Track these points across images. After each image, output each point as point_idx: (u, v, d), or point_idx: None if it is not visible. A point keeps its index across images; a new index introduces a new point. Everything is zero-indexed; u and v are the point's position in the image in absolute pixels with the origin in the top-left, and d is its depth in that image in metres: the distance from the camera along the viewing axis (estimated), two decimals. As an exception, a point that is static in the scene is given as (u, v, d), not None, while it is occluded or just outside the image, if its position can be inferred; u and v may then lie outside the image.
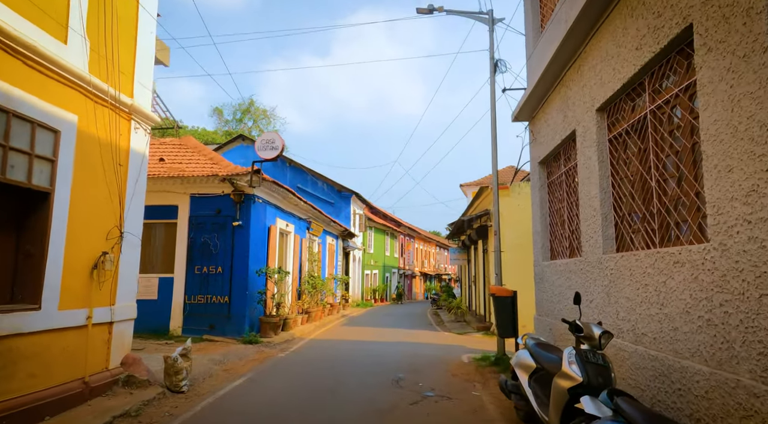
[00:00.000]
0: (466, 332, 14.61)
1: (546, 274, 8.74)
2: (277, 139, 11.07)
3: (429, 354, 10.26)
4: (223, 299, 11.22)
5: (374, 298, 32.95)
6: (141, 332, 11.08)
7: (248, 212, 11.45)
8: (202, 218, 11.49)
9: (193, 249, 11.42)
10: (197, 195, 11.58)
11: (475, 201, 16.94)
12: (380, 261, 35.71)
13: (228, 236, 11.40)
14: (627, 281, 5.34)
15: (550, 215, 9.07)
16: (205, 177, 11.26)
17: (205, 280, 11.32)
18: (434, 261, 56.98)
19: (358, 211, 29.39)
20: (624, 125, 5.70)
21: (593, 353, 4.30)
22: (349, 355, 10.03)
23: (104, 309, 6.12)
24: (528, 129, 10.02)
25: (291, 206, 14.64)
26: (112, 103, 6.20)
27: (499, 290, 8.13)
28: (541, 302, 9.03)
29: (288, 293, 14.28)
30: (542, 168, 9.35)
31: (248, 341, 10.82)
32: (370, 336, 13.42)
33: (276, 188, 12.35)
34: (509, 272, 14.22)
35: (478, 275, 18.69)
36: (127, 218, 6.62)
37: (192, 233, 11.47)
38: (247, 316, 11.28)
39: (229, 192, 11.40)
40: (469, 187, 34.19)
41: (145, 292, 11.37)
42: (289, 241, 14.82)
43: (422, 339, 13.10)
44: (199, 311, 11.23)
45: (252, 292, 11.43)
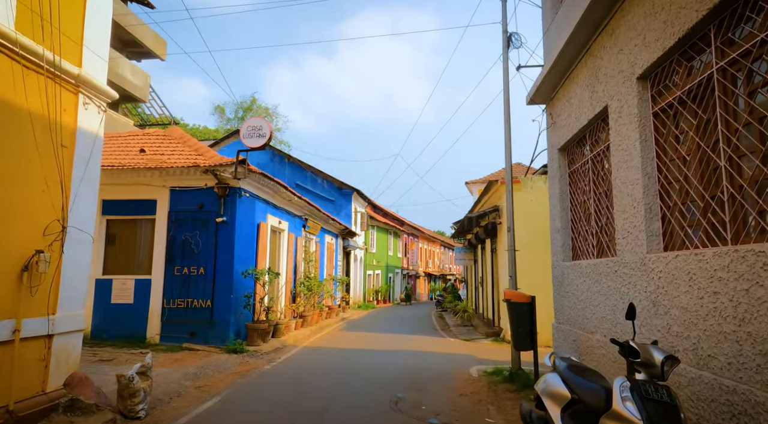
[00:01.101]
0: (474, 339, 13.48)
1: (568, 276, 7.60)
2: (265, 126, 9.98)
3: (433, 367, 9.14)
4: (206, 304, 10.15)
5: (377, 299, 31.85)
6: (115, 339, 10.06)
7: (233, 207, 10.37)
8: (183, 213, 10.42)
9: (173, 248, 10.36)
10: (178, 188, 10.51)
11: (483, 197, 15.80)
12: (383, 261, 34.60)
13: (211, 233, 10.33)
14: (684, 288, 4.21)
15: (572, 209, 7.93)
16: (185, 168, 10.19)
17: (186, 282, 10.25)
18: (438, 261, 55.82)
19: (360, 209, 28.29)
20: (676, 93, 4.56)
21: (654, 387, 3.18)
22: (343, 367, 8.93)
23: (39, 320, 5.04)
24: (545, 112, 8.88)
25: (284, 202, 13.55)
26: (50, 70, 5.12)
27: (515, 295, 7.01)
28: (562, 308, 7.89)
29: (281, 296, 13.20)
30: (562, 156, 8.22)
31: (233, 350, 9.74)
32: (369, 343, 12.32)
33: (265, 181, 11.26)
34: (521, 273, 13.01)
35: (485, 276, 17.55)
36: (74, 210, 5.54)
37: (172, 230, 10.40)
38: (232, 322, 10.20)
39: (213, 185, 10.33)
40: (474, 184, 33.06)
41: (120, 295, 10.33)
42: (282, 239, 13.74)
43: (426, 347, 11.98)
44: (179, 316, 10.17)
45: (238, 295, 10.35)
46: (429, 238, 50.84)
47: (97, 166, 6.01)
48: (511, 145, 8.62)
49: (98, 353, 9.19)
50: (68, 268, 5.47)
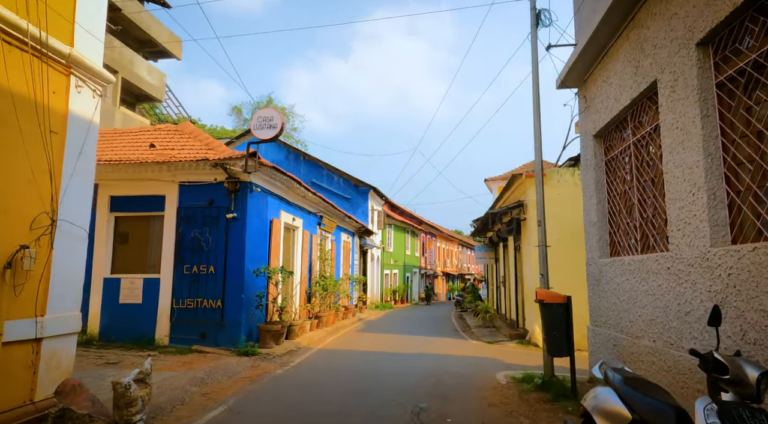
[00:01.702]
0: (498, 341, 12.79)
1: (606, 274, 6.90)
2: (276, 117, 9.47)
3: (457, 371, 8.51)
4: (216, 304, 9.68)
5: (394, 299, 31.26)
6: (123, 341, 9.68)
7: (244, 203, 9.88)
8: (193, 209, 9.98)
9: (182, 246, 9.92)
10: (187, 183, 10.07)
11: (505, 193, 15.08)
12: (400, 260, 33.99)
13: (221, 230, 9.86)
14: (765, 286, 3.52)
15: (610, 201, 7.22)
16: (194, 162, 9.74)
17: (196, 281, 9.80)
18: (457, 260, 54.97)
19: (377, 207, 27.74)
20: (750, 56, 3.87)
21: (750, 411, 2.52)
22: (360, 371, 8.36)
23: (25, 322, 4.58)
24: (577, 97, 8.17)
25: (298, 198, 13.05)
26: (35, 47, 4.66)
27: (549, 296, 6.34)
28: (599, 309, 7.19)
29: (295, 296, 12.70)
30: (598, 143, 7.51)
31: (244, 352, 9.25)
32: (387, 346, 11.73)
33: (277, 175, 10.76)
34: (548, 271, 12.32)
35: (508, 276, 16.80)
36: (65, 203, 5.07)
37: (181, 226, 9.97)
38: (244, 323, 9.72)
39: (223, 180, 9.86)
40: (494, 181, 32.21)
41: (128, 295, 9.94)
42: (296, 237, 13.24)
43: (448, 350, 11.34)
44: (188, 317, 9.72)
45: (249, 295, 9.87)
46: (447, 237, 50.04)
47: (92, 156, 5.54)
48: (540, 130, 7.94)
49: (105, 355, 8.79)
50: (59, 265, 5.01)
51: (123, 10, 22.85)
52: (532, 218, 12.69)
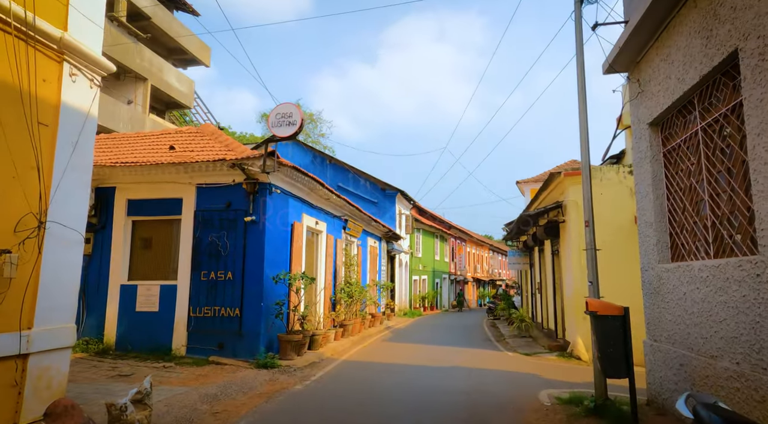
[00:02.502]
0: (536, 353, 11.83)
1: (667, 282, 5.98)
2: (296, 113, 8.90)
3: (494, 390, 7.68)
4: (234, 312, 9.15)
5: (423, 306, 30.37)
6: (139, 351, 9.26)
7: (263, 205, 9.35)
8: (210, 212, 9.51)
9: (199, 250, 9.45)
10: (204, 185, 9.61)
11: (541, 193, 14.12)
12: (429, 266, 33.10)
13: (239, 234, 9.35)
14: None
15: (670, 198, 6.30)
16: (211, 163, 9.27)
17: (213, 288, 9.30)
18: (487, 266, 53.56)
19: (405, 211, 27.01)
20: None
21: None
22: (387, 389, 7.63)
23: (7, 336, 4.08)
24: (628, 82, 7.27)
25: (321, 201, 12.47)
26: (19, 28, 4.18)
27: (603, 307, 5.47)
28: (658, 322, 6.26)
29: (318, 303, 12.09)
30: (654, 132, 6.60)
31: (263, 364, 8.67)
32: (416, 357, 10.96)
33: (298, 176, 10.19)
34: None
35: (545, 282, 15.76)
36: (56, 202, 4.58)
37: (198, 230, 9.51)
38: (263, 333, 9.15)
39: (241, 181, 9.36)
40: (526, 184, 31.03)
41: (144, 302, 9.53)
42: (320, 242, 12.66)
43: (482, 363, 10.48)
44: (205, 326, 9.22)
45: (269, 303, 9.30)
46: (477, 241, 48.80)
47: (88, 151, 5.05)
48: (587, 119, 7.08)
49: (119, 366, 8.36)
50: (50, 272, 4.51)
51: (153, 18, 23.05)
52: (573, 220, 11.73)
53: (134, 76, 23.38)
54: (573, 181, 11.73)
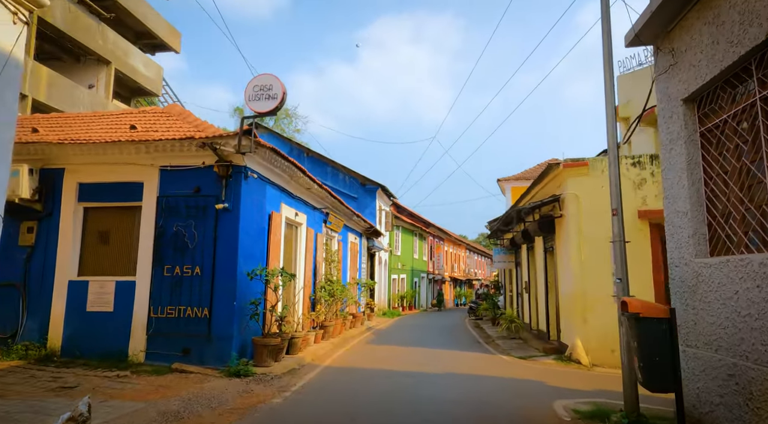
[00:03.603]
0: (531, 356, 11.06)
1: (709, 279, 5.18)
2: (276, 85, 7.81)
3: (500, 400, 6.80)
4: (202, 313, 8.01)
5: (402, 306, 29.51)
6: (90, 357, 8.00)
7: (238, 191, 8.23)
8: (175, 198, 8.33)
9: (163, 242, 8.26)
10: (169, 168, 8.43)
11: (535, 187, 13.39)
12: (408, 264, 32.27)
13: (210, 223, 8.21)
14: None
15: (709, 183, 5.54)
16: (177, 141, 8.10)
17: (178, 285, 8.13)
18: (464, 265, 53.19)
19: (385, 207, 26.08)
20: None
21: None
22: (378, 401, 6.65)
23: None
24: (658, 53, 6.49)
25: (302, 190, 11.40)
26: None
27: (647, 308, 4.63)
28: (696, 325, 5.47)
29: (297, 303, 11.01)
30: (689, 109, 5.81)
31: (235, 372, 7.56)
32: (405, 362, 10.02)
33: (278, 160, 9.10)
34: (590, 278, 10.64)
35: (535, 281, 15.07)
36: (-40, 167, 3.42)
37: (161, 219, 8.32)
38: (236, 336, 8.04)
39: (212, 163, 8.22)
40: (508, 182, 30.51)
41: (97, 301, 8.28)
42: (299, 235, 11.57)
43: (478, 368, 9.62)
44: (168, 328, 8.05)
45: (242, 303, 8.19)
46: (454, 241, 48.32)
47: (12, 104, 3.89)
48: (613, 86, 6.29)
49: (62, 376, 7.12)
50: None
51: (117, -3, 21.42)
52: (572, 214, 11.01)
53: (96, 58, 21.64)
54: (573, 172, 11.01)
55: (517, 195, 27.77)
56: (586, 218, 10.89)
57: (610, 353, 10.33)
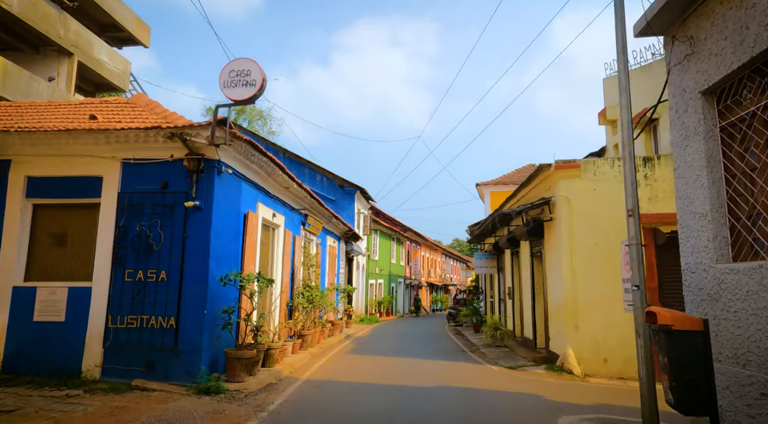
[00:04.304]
0: (521, 366, 10.56)
1: (736, 287, 4.72)
2: (255, 70, 7.09)
3: (501, 419, 6.22)
4: (168, 323, 7.17)
5: (379, 311, 28.82)
6: (36, 373, 7.05)
7: (210, 188, 7.45)
8: (140, 195, 7.48)
9: (124, 243, 7.40)
10: (133, 161, 7.58)
11: (522, 189, 12.98)
12: (386, 269, 31.64)
13: (178, 223, 7.39)
14: None
15: (730, 182, 5.11)
16: (143, 131, 7.27)
17: (141, 292, 7.27)
18: (440, 270, 52.92)
19: (363, 210, 25.41)
20: None
21: None
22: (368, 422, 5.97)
23: None
24: (674, 42, 6.07)
25: (280, 190, 10.64)
26: None
27: (680, 319, 4.13)
28: (718, 337, 4.99)
29: (274, 311, 10.23)
30: (708, 103, 5.38)
31: (206, 389, 6.76)
32: (390, 375, 9.36)
33: (254, 156, 8.35)
34: (582, 284, 10.23)
35: (520, 287, 14.66)
36: None
37: (123, 218, 7.45)
38: (206, 348, 7.23)
39: (182, 156, 7.42)
40: (487, 186, 30.31)
41: (46, 310, 7.33)
42: (276, 237, 10.80)
43: (468, 380, 9.04)
44: (129, 340, 7.18)
45: (214, 311, 7.39)
46: (431, 246, 47.98)
47: None
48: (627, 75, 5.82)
49: (1, 397, 6.17)
50: None
51: (81, -16, 20.18)
52: (563, 217, 10.59)
53: (57, 49, 20.28)
54: (564, 174, 10.61)
55: (496, 200, 27.54)
56: (577, 221, 10.49)
57: (603, 363, 9.94)
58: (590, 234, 10.38)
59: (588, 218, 10.44)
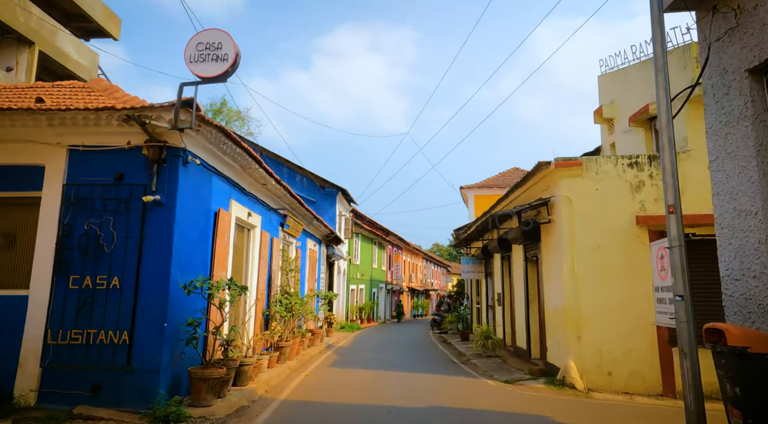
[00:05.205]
0: (519, 381, 9.74)
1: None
2: (228, 43, 6.10)
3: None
4: (120, 338, 6.09)
5: (360, 318, 27.80)
6: (-42, 399, 5.83)
7: (174, 181, 6.42)
8: (89, 188, 6.41)
9: (69, 244, 6.30)
10: (82, 148, 6.50)
11: (517, 189, 12.22)
12: (367, 274, 30.67)
13: (135, 221, 6.34)
14: None
15: (786, 174, 4.37)
16: (93, 113, 6.22)
17: (89, 301, 6.18)
18: (421, 275, 52.14)
19: (345, 213, 24.44)
20: None
21: None
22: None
23: None
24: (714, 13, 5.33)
25: (257, 186, 9.63)
26: None
27: (751, 338, 3.33)
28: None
29: (248, 321, 9.18)
30: (756, 82, 4.65)
31: (163, 416, 5.70)
32: (378, 392, 8.42)
33: (227, 145, 7.35)
34: (584, 290, 9.48)
35: (512, 294, 13.90)
36: None
37: (69, 214, 6.36)
38: (166, 367, 6.18)
39: (141, 143, 6.38)
40: (471, 190, 29.64)
41: (-27, 323, 6.15)
42: (252, 240, 9.76)
43: (465, 397, 8.16)
44: (73, 359, 6.07)
45: (177, 324, 6.35)
46: (412, 250, 47.18)
47: None
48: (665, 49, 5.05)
49: None
50: None
51: (44, -29, 18.77)
52: (564, 219, 9.84)
53: (17, 38, 18.77)
54: (565, 173, 9.87)
55: (481, 203, 26.88)
56: (579, 223, 9.76)
57: (607, 376, 9.20)
58: (592, 237, 9.65)
59: (590, 220, 9.72)
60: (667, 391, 8.86)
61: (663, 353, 9.06)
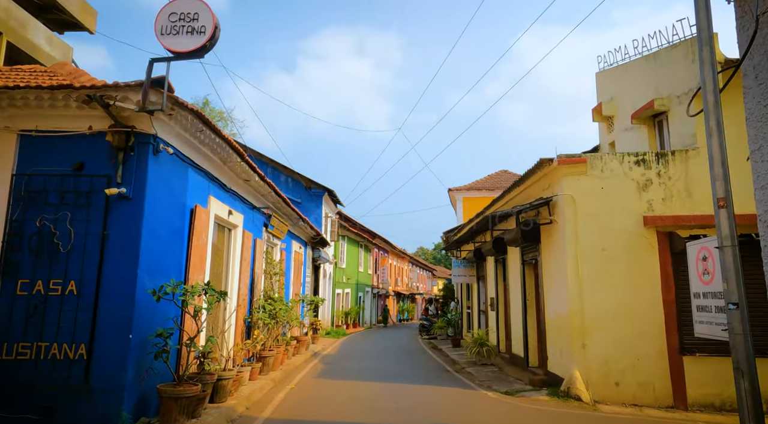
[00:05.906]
0: (520, 392, 9.11)
1: None
2: (205, 13, 5.35)
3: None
4: (76, 352, 5.28)
5: (346, 323, 26.99)
6: None
7: (143, 171, 5.64)
8: (43, 179, 5.58)
9: (19, 244, 5.46)
10: (35, 134, 5.67)
11: (515, 188, 11.65)
12: (353, 278, 29.89)
13: (96, 218, 5.53)
14: None
15: None
16: (48, 92, 5.41)
17: (40, 309, 5.35)
18: (408, 279, 51.50)
19: (331, 215, 23.66)
20: None
21: None
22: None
23: None
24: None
25: (238, 182, 8.86)
26: None
27: None
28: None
29: (228, 330, 8.38)
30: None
31: (126, 444, 4.89)
32: (370, 407, 7.70)
33: (204, 133, 6.58)
34: (589, 295, 8.90)
35: (507, 298, 13.32)
36: None
37: (18, 209, 5.52)
38: (131, 385, 5.37)
39: (104, 129, 5.58)
40: (460, 192, 29.12)
41: None
42: (233, 240, 8.97)
43: (465, 414, 7.48)
44: (19, 376, 5.23)
45: (144, 335, 5.55)
46: (399, 254, 46.52)
47: None
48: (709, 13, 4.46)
49: None
50: None
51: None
52: (567, 219, 9.28)
53: (-23, 25, 17.65)
54: (569, 170, 9.33)
55: (470, 205, 26.35)
56: (583, 224, 9.21)
57: (614, 387, 8.63)
58: (597, 238, 9.11)
59: (595, 221, 9.18)
60: (678, 403, 8.33)
61: (673, 362, 8.53)
